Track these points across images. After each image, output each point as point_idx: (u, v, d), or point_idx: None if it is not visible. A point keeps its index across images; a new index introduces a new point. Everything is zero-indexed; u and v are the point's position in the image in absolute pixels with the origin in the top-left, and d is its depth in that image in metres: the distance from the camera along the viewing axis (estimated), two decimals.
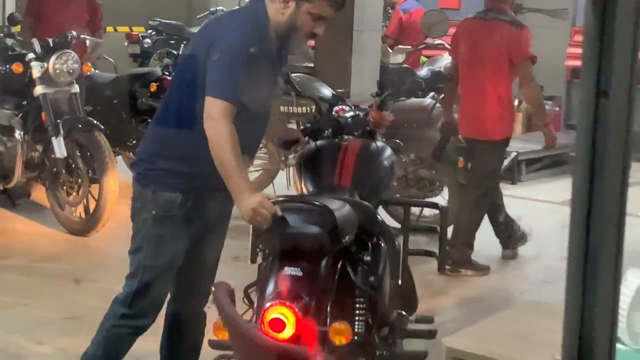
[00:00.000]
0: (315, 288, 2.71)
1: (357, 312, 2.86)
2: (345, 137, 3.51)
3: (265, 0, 2.93)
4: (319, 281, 2.75)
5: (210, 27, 3.15)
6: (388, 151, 3.55)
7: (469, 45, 5.23)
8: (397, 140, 3.73)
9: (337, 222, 2.77)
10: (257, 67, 2.83)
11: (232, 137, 2.73)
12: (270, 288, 2.70)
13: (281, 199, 2.93)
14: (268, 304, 2.57)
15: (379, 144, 3.59)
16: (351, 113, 3.61)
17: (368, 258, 3.01)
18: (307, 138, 3.52)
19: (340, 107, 3.63)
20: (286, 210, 2.79)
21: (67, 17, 6.39)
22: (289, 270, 2.71)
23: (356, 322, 2.83)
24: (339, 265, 2.88)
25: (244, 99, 2.81)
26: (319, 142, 3.49)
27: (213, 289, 2.27)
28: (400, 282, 3.28)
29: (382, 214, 3.60)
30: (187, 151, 2.91)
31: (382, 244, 3.18)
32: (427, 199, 5.84)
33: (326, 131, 3.52)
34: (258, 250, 3.00)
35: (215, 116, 2.74)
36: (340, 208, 2.89)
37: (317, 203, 2.86)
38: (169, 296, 3.17)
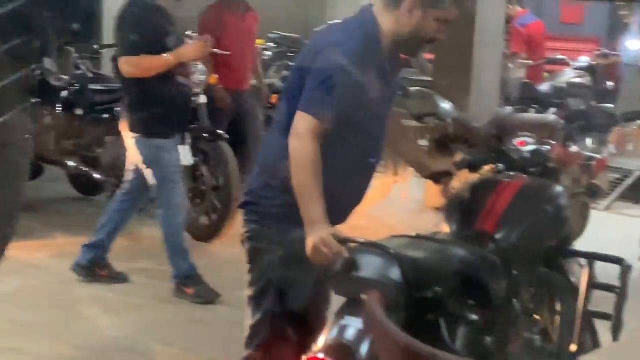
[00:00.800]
0: (374, 345, 2.32)
1: None
2: (515, 174, 3.07)
3: (376, 11, 2.73)
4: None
5: (316, 39, 2.93)
6: (560, 195, 3.06)
7: None
8: (597, 183, 3.36)
9: (407, 273, 2.40)
10: (366, 83, 2.66)
11: (314, 157, 2.53)
12: (323, 336, 2.42)
13: (351, 238, 2.53)
14: (307, 356, 2.33)
15: (553, 185, 3.10)
16: (532, 147, 3.16)
17: (475, 317, 2.58)
18: (465, 170, 3.14)
19: (522, 139, 3.19)
20: (357, 253, 2.48)
21: (244, 34, 6.34)
22: (347, 320, 2.41)
23: None
24: (424, 324, 2.48)
25: (351, 118, 2.62)
26: (480, 178, 3.10)
27: (365, 297, 2.07)
28: (575, 348, 2.87)
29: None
30: None
31: (515, 304, 2.78)
32: None
33: (494, 165, 3.11)
34: None
35: (301, 133, 2.55)
36: (425, 257, 2.53)
37: (389, 249, 2.45)
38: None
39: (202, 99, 5.84)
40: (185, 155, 5.67)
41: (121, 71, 4.63)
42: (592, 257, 3.10)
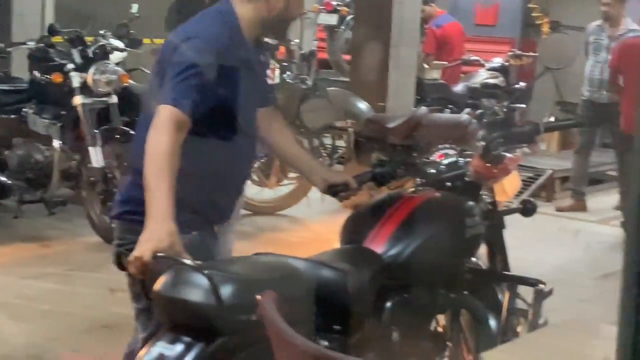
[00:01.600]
0: None
1: None
2: (426, 189, 2.83)
3: (234, 0, 2.63)
4: None
5: (173, 34, 2.68)
6: (467, 212, 2.77)
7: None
8: (531, 200, 3.11)
9: (220, 295, 2.09)
10: (228, 73, 2.53)
11: (170, 147, 2.34)
12: None
13: (171, 257, 2.21)
14: None
15: (460, 201, 2.81)
16: (451, 159, 2.90)
17: (327, 343, 2.32)
18: (369, 184, 2.84)
19: (442, 152, 3.00)
20: (180, 272, 2.19)
21: None
22: (161, 347, 2.15)
23: None
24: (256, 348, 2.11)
25: (218, 110, 2.51)
26: (386, 194, 2.82)
27: (259, 297, 1.89)
28: None
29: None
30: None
31: (395, 329, 2.56)
32: None
33: (413, 179, 2.86)
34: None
35: (159, 122, 2.39)
36: (259, 278, 2.22)
37: (199, 270, 2.14)
38: None
39: (114, 99, 5.72)
40: (96, 157, 5.55)
41: None
42: (510, 280, 2.90)
